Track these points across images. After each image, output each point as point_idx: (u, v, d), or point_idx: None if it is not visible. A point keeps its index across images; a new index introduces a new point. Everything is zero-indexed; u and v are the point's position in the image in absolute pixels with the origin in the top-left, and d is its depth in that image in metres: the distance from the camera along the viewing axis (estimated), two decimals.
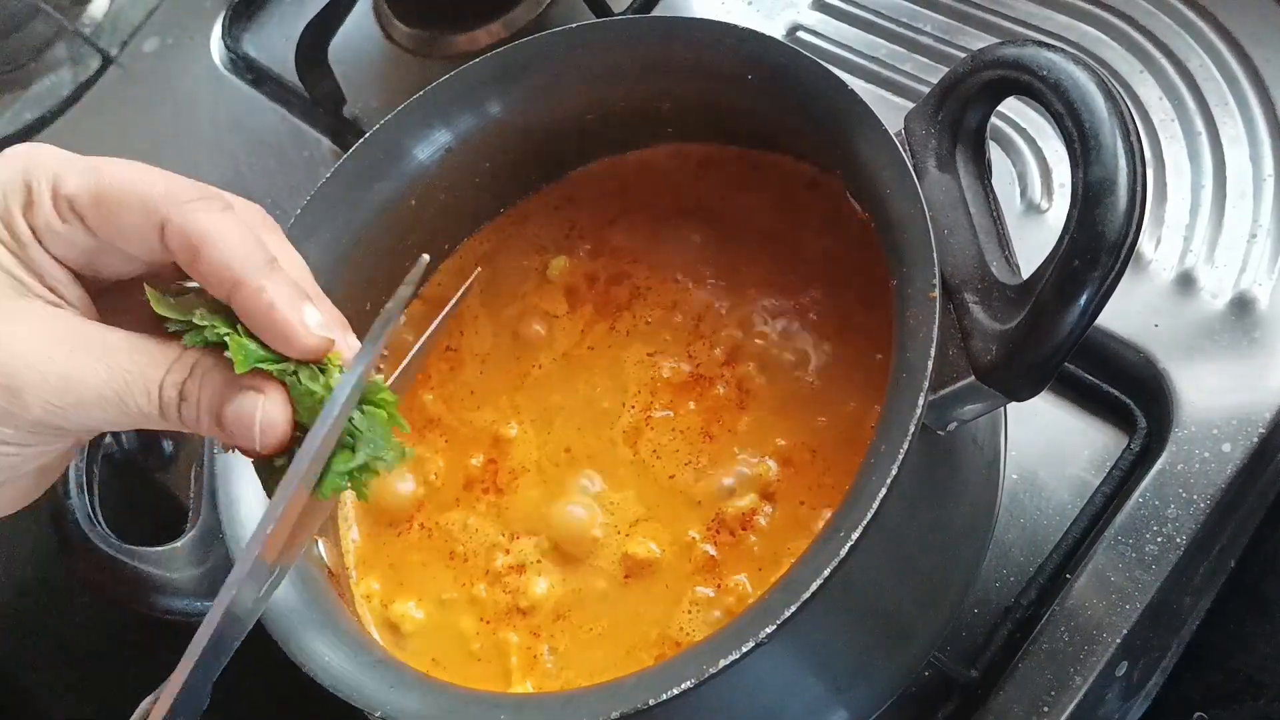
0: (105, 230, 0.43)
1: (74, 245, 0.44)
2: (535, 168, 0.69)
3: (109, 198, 0.43)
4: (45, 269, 0.43)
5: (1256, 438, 0.62)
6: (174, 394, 0.42)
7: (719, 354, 0.62)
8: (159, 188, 0.43)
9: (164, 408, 0.43)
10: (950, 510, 0.56)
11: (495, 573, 0.60)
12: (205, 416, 0.43)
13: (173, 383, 0.42)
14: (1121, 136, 0.43)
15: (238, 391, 0.42)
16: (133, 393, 0.42)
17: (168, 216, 0.42)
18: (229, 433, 0.43)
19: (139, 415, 0.43)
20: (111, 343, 0.43)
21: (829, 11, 0.85)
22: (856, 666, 0.55)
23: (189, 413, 0.43)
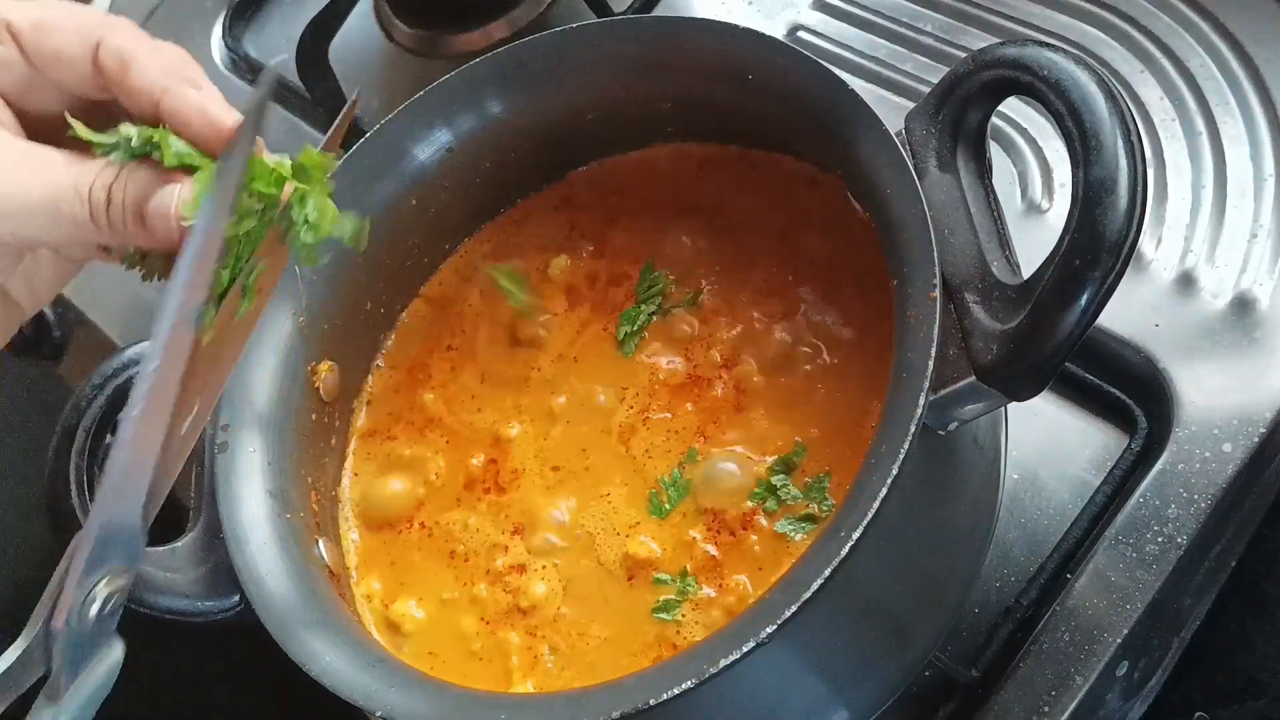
0: (41, 52, 0.46)
1: (8, 70, 0.46)
2: (536, 167, 0.69)
3: (48, 22, 0.46)
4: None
5: (1257, 437, 0.62)
6: (102, 196, 0.44)
7: (717, 355, 0.62)
8: (95, 16, 0.46)
9: (93, 210, 0.44)
10: (951, 510, 0.56)
11: (496, 572, 0.60)
12: (129, 215, 0.45)
13: (101, 185, 0.44)
14: (1122, 136, 0.43)
15: (158, 186, 0.44)
16: (65, 198, 0.44)
17: (103, 36, 0.45)
18: (150, 229, 0.45)
19: (70, 222, 0.44)
20: (44, 154, 0.45)
21: (829, 11, 0.85)
22: (857, 666, 0.55)
23: (115, 214, 0.45)
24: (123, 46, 0.46)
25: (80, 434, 0.61)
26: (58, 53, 0.46)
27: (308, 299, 0.62)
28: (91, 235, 0.45)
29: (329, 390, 0.64)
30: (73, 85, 0.47)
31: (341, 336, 0.65)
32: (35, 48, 0.46)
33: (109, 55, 0.46)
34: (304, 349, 0.62)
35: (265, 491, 0.57)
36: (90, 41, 0.46)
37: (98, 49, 0.46)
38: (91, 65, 0.46)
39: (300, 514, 0.59)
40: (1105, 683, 0.59)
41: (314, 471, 0.62)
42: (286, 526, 0.57)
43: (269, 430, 0.59)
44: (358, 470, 0.66)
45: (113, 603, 0.44)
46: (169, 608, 0.56)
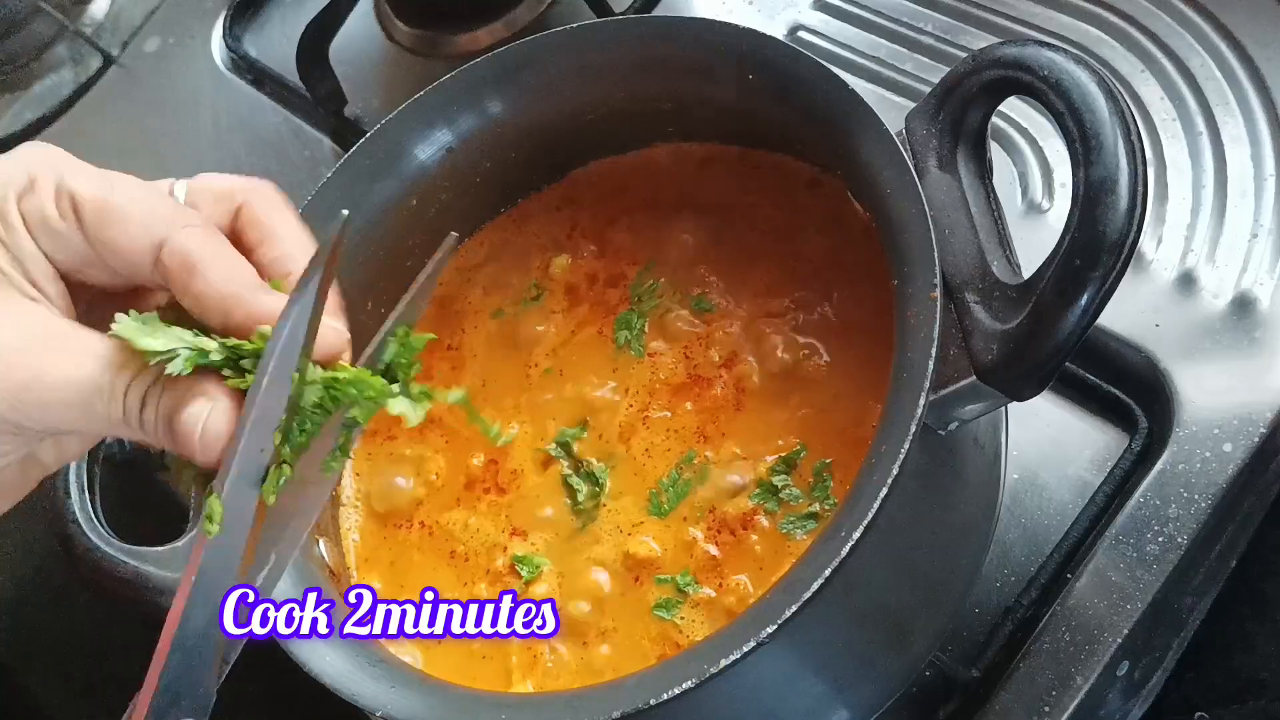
0: (101, 238, 0.43)
1: (65, 246, 0.43)
2: (536, 167, 0.69)
3: (114, 206, 0.42)
4: (29, 260, 0.43)
5: (1258, 437, 0.62)
6: (136, 402, 0.42)
7: (717, 354, 0.62)
8: (164, 209, 0.43)
9: (127, 412, 0.42)
10: (951, 510, 0.56)
11: (496, 572, 0.60)
12: (161, 424, 0.42)
13: (138, 388, 0.42)
14: (1122, 136, 0.43)
15: (193, 398, 0.42)
16: (101, 395, 0.42)
17: (168, 236, 0.42)
18: (178, 440, 0.42)
19: (102, 419, 0.42)
20: (86, 343, 0.42)
21: (830, 11, 0.85)
22: (857, 666, 0.55)
23: (149, 419, 0.42)
24: (188, 250, 0.42)
25: None
26: (116, 243, 0.43)
27: None
28: (123, 434, 0.43)
29: None
30: (132, 277, 0.44)
31: None
32: (95, 233, 0.43)
33: (172, 259, 0.42)
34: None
35: None
36: (153, 239, 0.42)
37: (161, 248, 0.42)
38: (151, 264, 0.43)
39: None
40: (1106, 682, 0.59)
41: None
42: None
43: None
44: (358, 470, 0.66)
45: None
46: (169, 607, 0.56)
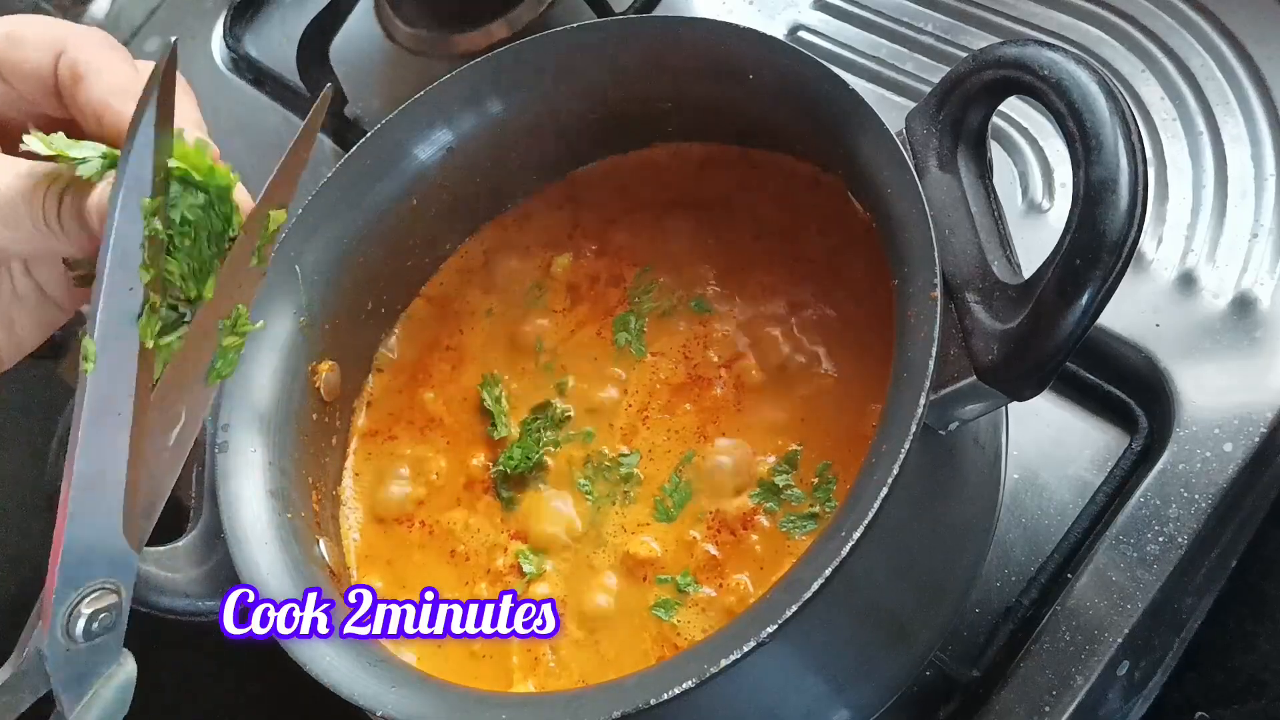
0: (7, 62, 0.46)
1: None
2: (537, 167, 0.69)
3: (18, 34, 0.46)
4: None
5: (1258, 437, 0.62)
6: (55, 202, 0.44)
7: (718, 354, 0.62)
8: (60, 28, 0.46)
9: (46, 214, 0.44)
10: (951, 510, 0.56)
11: (496, 572, 0.60)
12: (71, 218, 0.44)
13: (54, 192, 0.44)
14: (1123, 136, 0.43)
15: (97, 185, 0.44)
16: (24, 200, 0.44)
17: (65, 48, 0.45)
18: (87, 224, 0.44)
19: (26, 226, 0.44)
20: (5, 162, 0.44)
21: (830, 11, 0.85)
22: (858, 666, 0.55)
23: (66, 216, 0.44)
24: (78, 60, 0.45)
25: None
26: (22, 63, 0.46)
27: (308, 299, 0.62)
28: (56, 243, 0.45)
29: (329, 390, 0.64)
30: (37, 99, 0.47)
31: (342, 336, 0.65)
32: (3, 58, 0.46)
33: (65, 67, 0.46)
34: (304, 349, 0.62)
35: (266, 491, 0.57)
36: (54, 53, 0.46)
37: (58, 61, 0.46)
38: (53, 77, 0.46)
39: (301, 514, 0.59)
40: (1106, 682, 0.59)
41: (315, 471, 0.62)
42: (287, 526, 0.57)
43: (270, 430, 0.59)
44: (358, 470, 0.66)
45: (102, 621, 0.44)
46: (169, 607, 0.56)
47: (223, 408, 0.58)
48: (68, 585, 0.43)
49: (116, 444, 0.43)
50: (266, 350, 0.60)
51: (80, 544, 0.43)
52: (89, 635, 0.43)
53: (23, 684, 0.43)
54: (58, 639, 0.43)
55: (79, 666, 0.44)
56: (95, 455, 0.42)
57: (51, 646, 0.43)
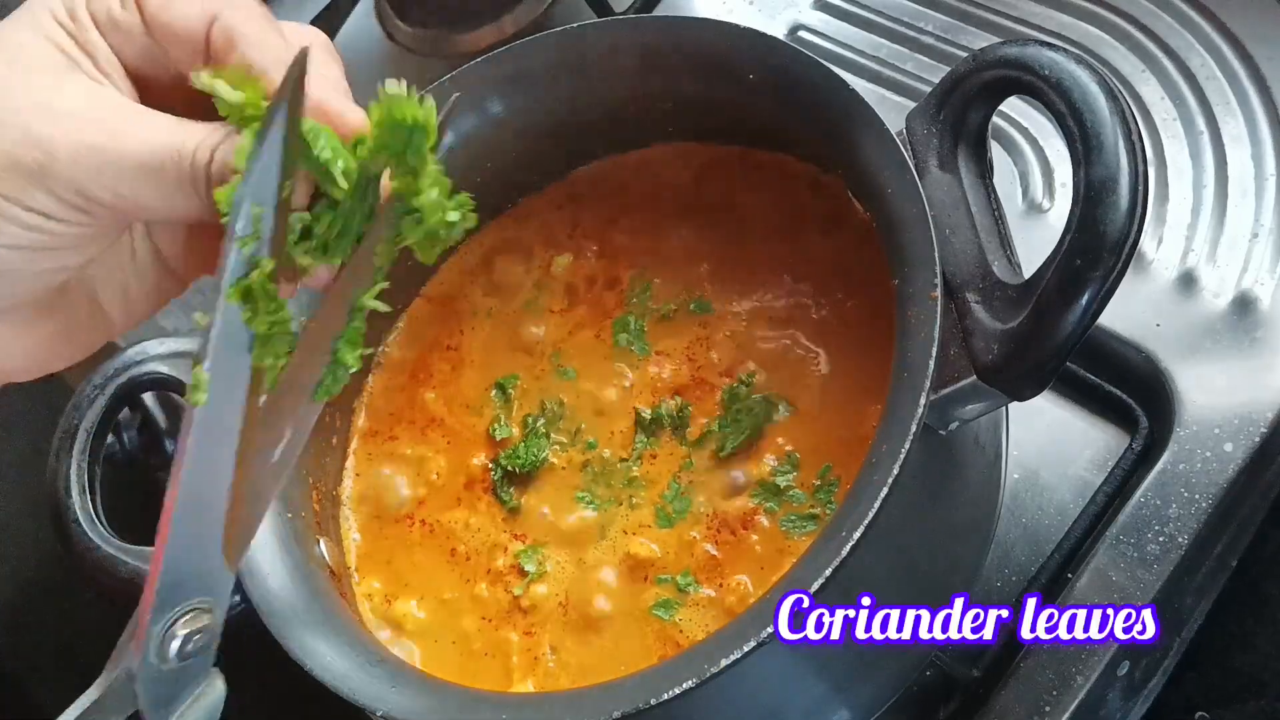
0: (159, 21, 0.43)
1: (128, 36, 0.44)
2: (537, 167, 0.69)
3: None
4: (96, 50, 0.44)
5: (1258, 437, 0.62)
6: (205, 156, 0.42)
7: (717, 355, 0.62)
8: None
9: (195, 171, 0.42)
10: (952, 510, 0.56)
11: (496, 572, 0.60)
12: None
13: (207, 146, 0.42)
14: (1123, 136, 0.43)
15: None
16: (171, 157, 0.42)
17: (219, 11, 0.43)
18: None
19: (174, 185, 0.42)
20: (153, 116, 0.43)
21: (830, 11, 0.85)
22: (858, 666, 0.55)
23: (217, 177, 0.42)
24: (233, 27, 0.43)
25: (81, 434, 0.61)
26: (173, 24, 0.43)
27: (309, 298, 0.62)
28: (194, 206, 0.43)
29: None
30: (183, 61, 0.45)
31: None
32: (154, 16, 0.44)
33: (219, 33, 0.43)
34: None
35: None
36: (207, 16, 0.43)
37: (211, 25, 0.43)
38: (204, 43, 0.43)
39: (301, 514, 0.59)
40: (1106, 682, 0.59)
41: (315, 471, 0.62)
42: (287, 526, 0.57)
43: None
44: (359, 469, 0.66)
45: (196, 641, 0.42)
46: None
47: None
48: (164, 606, 0.42)
49: (222, 465, 0.42)
50: None
51: (179, 564, 0.42)
52: (182, 656, 0.42)
53: (110, 704, 0.42)
54: (150, 660, 0.42)
55: (169, 687, 0.43)
56: (200, 476, 0.41)
57: (144, 667, 0.42)
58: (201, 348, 0.41)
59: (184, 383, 0.62)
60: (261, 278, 0.41)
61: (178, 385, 0.63)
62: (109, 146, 0.41)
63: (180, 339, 0.64)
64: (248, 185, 0.40)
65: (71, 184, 0.41)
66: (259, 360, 0.42)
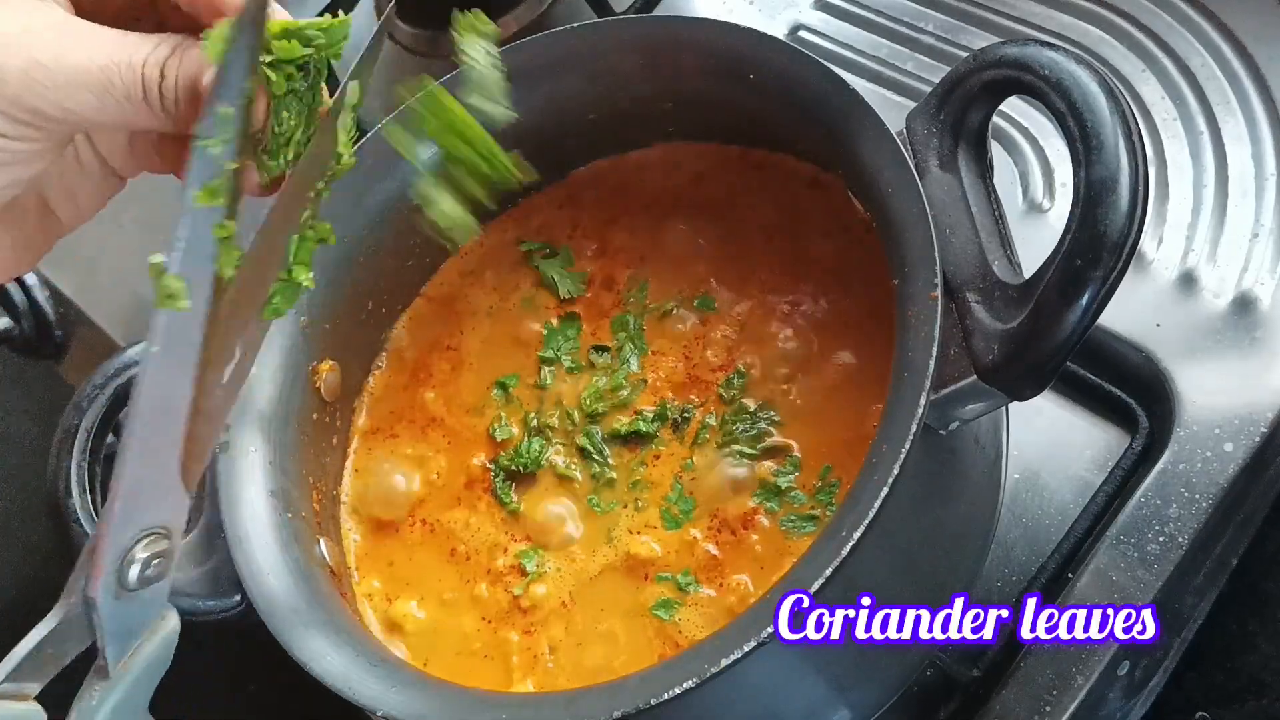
0: None
1: None
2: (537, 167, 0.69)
3: None
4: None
5: (1259, 437, 0.62)
6: (155, 71, 0.43)
7: (717, 355, 0.62)
8: None
9: (145, 85, 0.43)
10: (952, 509, 0.56)
11: (496, 572, 0.60)
12: (182, 91, 0.43)
13: (155, 60, 0.43)
14: (1123, 136, 0.43)
15: None
16: (119, 70, 0.42)
17: None
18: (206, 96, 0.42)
19: (122, 97, 0.43)
20: (97, 30, 0.43)
21: (831, 11, 0.85)
22: (858, 665, 0.55)
23: (168, 90, 0.43)
24: None
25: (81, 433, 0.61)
26: None
27: (309, 299, 0.62)
28: (141, 115, 0.43)
29: (330, 390, 0.64)
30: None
31: (343, 336, 0.65)
32: None
33: None
34: (305, 349, 0.62)
35: (266, 491, 0.57)
36: None
37: None
38: None
39: (301, 514, 0.59)
40: (1106, 682, 0.59)
41: (315, 471, 0.62)
42: (288, 526, 0.57)
43: (270, 430, 0.59)
44: (359, 469, 0.66)
45: (155, 567, 0.42)
46: None
47: None
48: (125, 526, 0.41)
49: (182, 378, 0.41)
50: (267, 350, 0.60)
51: (140, 483, 0.41)
52: (142, 582, 0.42)
53: (68, 634, 0.41)
54: (110, 585, 0.41)
55: (127, 618, 0.42)
56: (162, 389, 0.41)
57: (103, 593, 0.41)
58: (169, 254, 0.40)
59: None
60: (228, 178, 0.41)
61: None
62: (58, 64, 0.42)
63: None
64: (219, 87, 0.41)
65: (20, 102, 0.41)
66: (223, 268, 0.42)
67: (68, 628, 0.41)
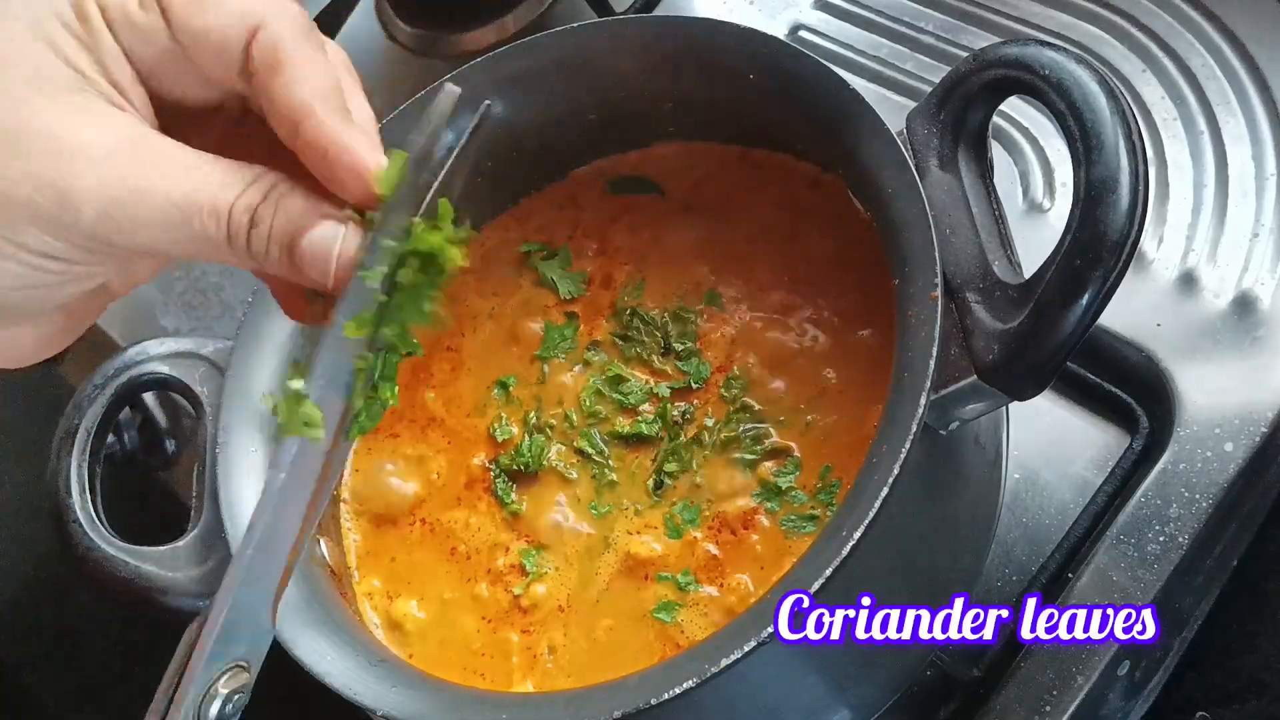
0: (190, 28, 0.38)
1: (148, 42, 0.38)
2: (537, 167, 0.69)
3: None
4: (111, 61, 0.38)
5: (1259, 437, 0.62)
6: (245, 218, 0.38)
7: (715, 355, 0.62)
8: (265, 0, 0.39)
9: (233, 232, 0.38)
10: (952, 509, 0.56)
11: (497, 572, 0.60)
12: (275, 245, 0.39)
13: (245, 205, 0.38)
14: (1123, 135, 0.43)
15: (317, 220, 0.39)
16: (201, 212, 0.38)
17: (263, 22, 0.38)
18: (299, 264, 0.39)
19: (202, 239, 0.38)
20: (182, 157, 0.38)
21: (831, 11, 0.85)
22: (858, 665, 0.55)
23: (258, 241, 0.39)
24: (281, 42, 0.38)
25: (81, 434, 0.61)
26: (208, 33, 0.38)
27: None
28: (223, 257, 0.39)
29: None
30: (218, 76, 0.40)
31: None
32: (184, 22, 0.38)
33: (262, 49, 0.38)
34: (305, 349, 0.62)
35: None
36: (248, 26, 0.38)
37: (253, 37, 0.38)
38: (242, 56, 0.38)
39: None
40: (1107, 682, 0.59)
41: None
42: None
43: (270, 430, 0.59)
44: (359, 469, 0.66)
45: (235, 702, 0.40)
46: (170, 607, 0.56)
47: (223, 408, 0.58)
48: (217, 657, 0.39)
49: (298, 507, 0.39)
50: (267, 351, 0.60)
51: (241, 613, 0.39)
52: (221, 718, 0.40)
53: None
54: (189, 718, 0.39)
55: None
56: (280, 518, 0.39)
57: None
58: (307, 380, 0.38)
59: (183, 381, 0.62)
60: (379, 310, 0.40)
61: (178, 385, 0.63)
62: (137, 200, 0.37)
63: (180, 339, 0.64)
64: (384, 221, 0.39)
65: (95, 235, 0.38)
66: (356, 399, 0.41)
67: None
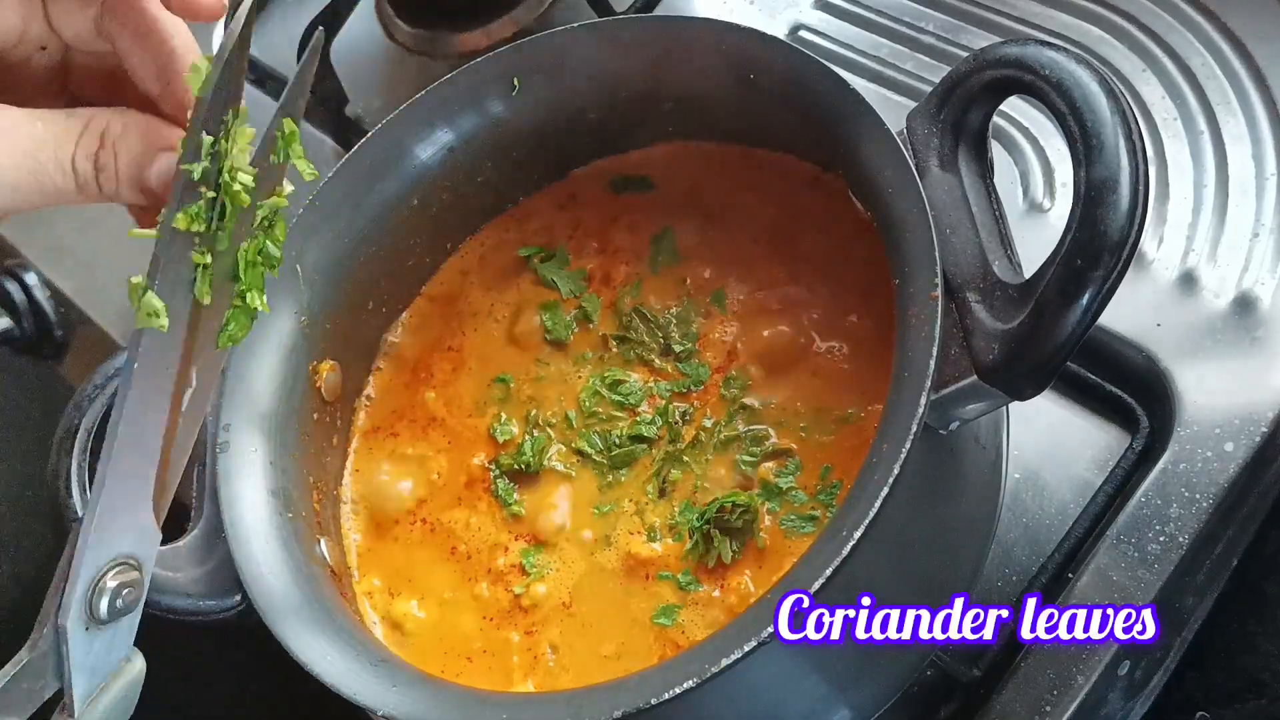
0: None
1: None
2: (537, 167, 0.69)
3: None
4: None
5: (1259, 437, 0.62)
6: (89, 165, 0.41)
7: (717, 355, 0.62)
8: None
9: (81, 182, 0.41)
10: (952, 509, 0.56)
11: (497, 571, 0.60)
12: (125, 185, 0.41)
13: (86, 153, 0.41)
14: (1124, 135, 0.43)
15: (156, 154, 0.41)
16: (47, 171, 0.40)
17: None
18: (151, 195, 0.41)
19: (55, 193, 0.41)
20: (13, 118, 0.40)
21: (831, 10, 0.85)
22: (858, 665, 0.55)
23: (108, 183, 0.41)
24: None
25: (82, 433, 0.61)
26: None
27: (309, 298, 0.62)
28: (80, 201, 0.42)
29: (330, 390, 0.64)
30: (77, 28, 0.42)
31: (343, 336, 0.65)
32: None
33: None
34: (305, 348, 0.62)
35: (267, 491, 0.57)
36: None
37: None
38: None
39: (302, 513, 0.59)
40: (1107, 682, 0.59)
41: (315, 471, 0.62)
42: (288, 526, 0.57)
43: (270, 430, 0.59)
44: (359, 468, 0.66)
45: (125, 597, 0.41)
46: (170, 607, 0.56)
47: (223, 407, 0.58)
48: (97, 552, 0.40)
49: (159, 402, 0.40)
50: (267, 350, 0.60)
51: (115, 508, 0.40)
52: (112, 613, 0.41)
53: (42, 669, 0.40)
54: (81, 615, 0.40)
55: (95, 653, 0.41)
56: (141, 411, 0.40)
57: (74, 623, 0.40)
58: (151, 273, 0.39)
59: None
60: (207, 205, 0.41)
61: None
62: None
63: None
64: (198, 117, 0.40)
65: None
66: (201, 293, 0.41)
67: (41, 661, 0.41)
